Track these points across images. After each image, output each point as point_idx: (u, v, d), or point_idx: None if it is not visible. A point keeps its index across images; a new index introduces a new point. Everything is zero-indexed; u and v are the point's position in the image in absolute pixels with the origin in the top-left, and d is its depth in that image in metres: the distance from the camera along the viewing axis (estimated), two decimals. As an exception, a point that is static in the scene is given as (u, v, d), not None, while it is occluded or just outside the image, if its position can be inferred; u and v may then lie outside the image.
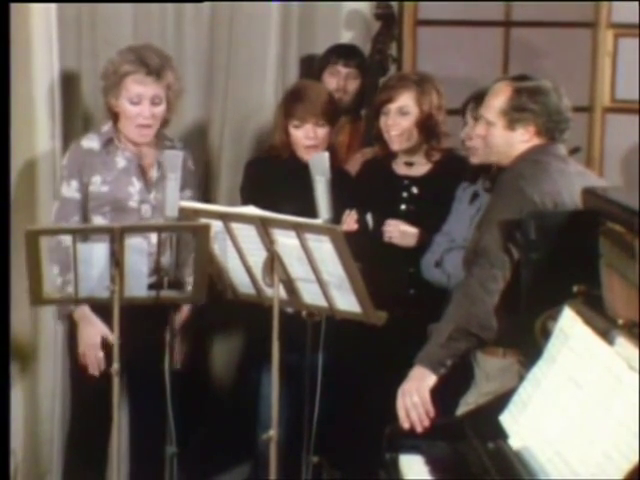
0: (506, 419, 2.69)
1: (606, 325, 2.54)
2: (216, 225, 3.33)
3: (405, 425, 2.99)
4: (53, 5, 4.00)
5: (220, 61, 4.47)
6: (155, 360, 3.59)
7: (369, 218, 3.94)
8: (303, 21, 4.62)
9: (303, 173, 3.53)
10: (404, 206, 3.94)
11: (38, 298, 3.35)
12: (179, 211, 3.45)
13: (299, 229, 3.15)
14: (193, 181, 4.00)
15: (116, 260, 3.26)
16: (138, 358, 3.56)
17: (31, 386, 4.15)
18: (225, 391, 4.52)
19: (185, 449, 3.77)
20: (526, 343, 2.93)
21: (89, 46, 4.27)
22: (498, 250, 3.15)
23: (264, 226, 3.21)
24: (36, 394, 4.15)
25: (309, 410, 3.47)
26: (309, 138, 3.87)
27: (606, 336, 2.48)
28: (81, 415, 3.90)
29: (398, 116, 3.88)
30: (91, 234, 3.59)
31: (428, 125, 3.88)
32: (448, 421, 3.07)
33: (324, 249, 3.14)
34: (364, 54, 4.55)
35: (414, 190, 3.94)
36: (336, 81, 4.38)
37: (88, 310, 3.71)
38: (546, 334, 2.76)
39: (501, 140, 3.34)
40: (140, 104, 3.71)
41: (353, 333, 3.59)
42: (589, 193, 2.94)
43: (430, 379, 3.07)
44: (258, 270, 3.32)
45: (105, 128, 3.84)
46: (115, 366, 3.29)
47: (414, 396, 3.02)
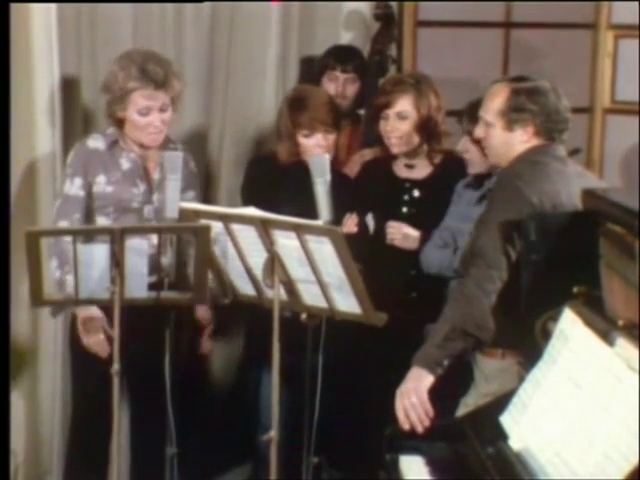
0: (506, 420, 2.69)
1: (606, 326, 2.54)
2: (216, 226, 3.33)
3: (405, 426, 2.99)
4: (53, 5, 4.00)
5: (220, 62, 4.46)
6: (155, 361, 3.60)
7: (370, 220, 3.94)
8: (303, 22, 4.61)
9: (303, 174, 3.53)
10: (405, 209, 3.94)
11: (39, 299, 3.34)
12: (179, 212, 3.46)
13: (299, 230, 3.15)
14: (195, 182, 4.00)
15: (116, 261, 3.26)
16: (138, 359, 3.56)
17: (31, 387, 4.15)
18: (225, 392, 4.51)
19: (185, 450, 3.77)
20: (526, 344, 2.93)
21: (89, 46, 4.25)
22: (495, 251, 3.15)
23: (264, 227, 3.21)
24: (36, 395, 4.16)
25: (309, 411, 3.47)
26: (320, 146, 3.87)
27: (606, 337, 2.48)
28: (81, 415, 3.90)
29: (397, 121, 3.87)
30: (91, 235, 3.59)
31: (428, 127, 3.88)
32: (448, 422, 3.08)
33: (324, 250, 3.14)
34: (362, 55, 4.54)
35: (415, 193, 3.94)
36: (335, 87, 4.36)
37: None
38: (546, 335, 2.76)
39: (500, 141, 3.34)
40: (149, 115, 3.72)
41: (354, 335, 3.59)
42: (589, 194, 2.94)
43: (427, 379, 3.07)
44: (258, 271, 3.31)
45: (110, 130, 3.84)
46: (115, 367, 3.28)
47: (412, 397, 3.02)
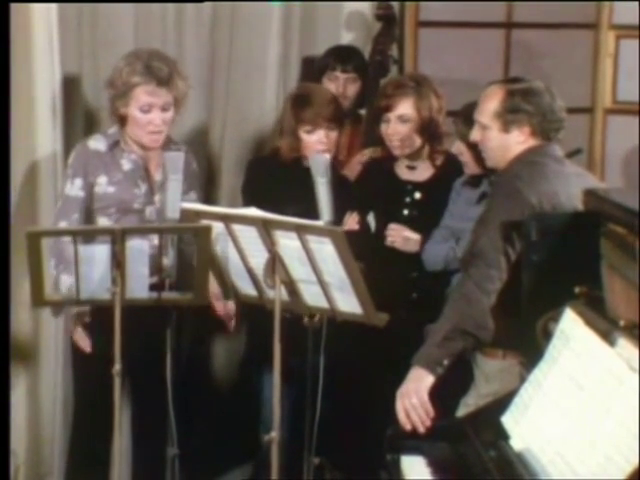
0: (507, 420, 2.69)
1: (607, 326, 2.54)
2: (217, 227, 3.33)
3: (406, 427, 2.99)
4: (54, 5, 4.00)
5: (221, 62, 4.46)
6: (157, 361, 3.60)
7: (371, 219, 3.94)
8: (304, 22, 4.61)
9: (304, 175, 3.53)
10: (407, 211, 3.93)
11: (39, 299, 3.34)
12: (181, 213, 3.45)
13: (300, 230, 3.15)
14: (197, 183, 4.01)
15: (117, 261, 3.26)
16: (140, 359, 3.56)
17: (32, 387, 4.14)
18: (226, 392, 4.51)
19: (186, 450, 3.77)
20: (527, 344, 2.93)
21: (90, 47, 4.26)
22: (494, 251, 3.15)
23: (265, 227, 3.21)
24: (37, 395, 4.15)
25: (310, 411, 3.47)
26: (322, 143, 3.86)
27: (607, 337, 2.48)
28: (82, 416, 3.90)
29: (398, 124, 3.87)
30: (92, 235, 3.59)
31: (429, 129, 3.88)
32: (449, 422, 3.08)
33: (325, 250, 3.14)
34: (362, 54, 4.53)
35: (417, 195, 3.94)
36: (335, 87, 4.35)
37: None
38: (547, 335, 2.76)
39: (497, 143, 3.34)
40: (150, 112, 3.71)
41: (355, 336, 3.59)
42: (590, 194, 2.94)
43: (428, 379, 3.07)
44: (259, 271, 3.32)
45: (112, 130, 3.84)
46: (116, 367, 3.28)
47: (412, 398, 3.02)
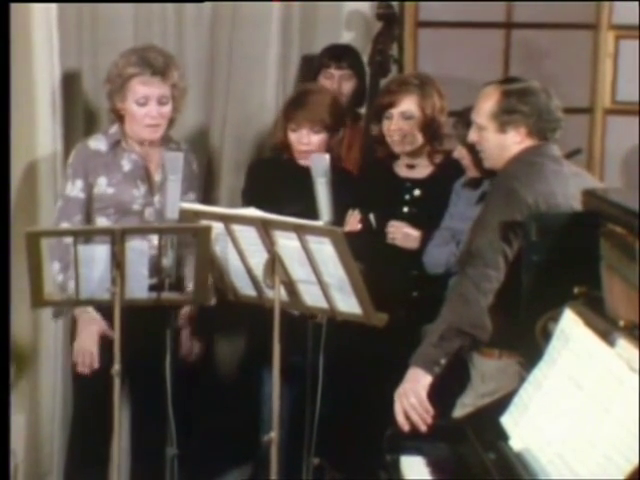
0: (507, 421, 2.69)
1: (607, 327, 2.54)
2: (217, 227, 3.33)
3: (405, 428, 2.99)
4: (53, 5, 4.00)
5: (221, 62, 4.46)
6: (156, 361, 3.60)
7: (372, 218, 3.94)
8: (304, 21, 4.61)
9: (304, 175, 3.53)
10: (406, 208, 3.93)
11: (39, 300, 3.34)
12: (180, 213, 3.45)
13: (300, 231, 3.15)
14: (197, 184, 4.01)
15: (117, 262, 3.26)
16: (139, 359, 3.56)
17: (32, 387, 4.15)
18: (226, 392, 4.51)
19: (186, 450, 3.77)
20: (527, 345, 2.93)
21: (90, 47, 4.26)
22: (492, 251, 3.16)
23: (265, 228, 3.21)
24: (37, 395, 4.15)
25: (310, 411, 3.47)
26: (302, 143, 3.89)
27: (607, 338, 2.48)
28: (82, 416, 3.89)
29: (401, 120, 3.88)
30: (92, 236, 3.59)
31: (431, 128, 3.89)
32: (449, 422, 3.08)
33: (325, 251, 3.14)
34: (358, 53, 4.53)
35: (416, 193, 3.94)
36: (330, 84, 4.36)
37: (90, 307, 3.69)
38: (547, 335, 2.76)
39: (494, 144, 3.35)
40: (147, 105, 3.71)
41: (355, 335, 3.58)
42: (590, 195, 2.94)
43: (425, 379, 3.08)
44: (259, 272, 3.32)
45: (112, 130, 3.84)
46: (116, 367, 3.28)
47: (411, 398, 3.02)
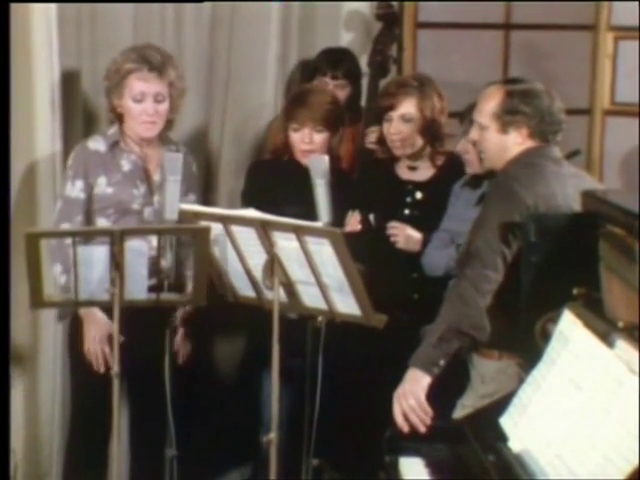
0: (506, 422, 2.69)
1: (606, 328, 2.54)
2: (216, 228, 3.33)
3: (404, 429, 2.99)
4: (53, 5, 4.00)
5: (220, 62, 4.46)
6: (155, 362, 3.60)
7: (372, 219, 3.93)
8: (303, 22, 4.61)
9: (303, 176, 3.53)
10: (408, 211, 3.93)
11: (39, 301, 3.34)
12: (179, 214, 3.45)
13: (299, 232, 3.15)
14: (196, 185, 4.01)
15: (116, 263, 3.26)
16: (138, 360, 3.56)
17: (31, 387, 4.14)
18: (225, 393, 4.51)
19: (185, 451, 3.77)
20: (526, 346, 2.93)
21: (89, 46, 4.27)
22: (491, 251, 3.15)
23: (264, 229, 3.21)
24: (36, 395, 4.15)
25: (309, 412, 3.47)
26: (305, 142, 3.87)
27: (606, 339, 2.48)
28: (81, 417, 3.90)
29: (400, 123, 3.88)
30: (91, 236, 3.59)
31: (431, 129, 3.88)
32: (448, 424, 3.08)
33: (324, 252, 3.14)
34: (354, 57, 4.51)
35: (418, 195, 3.94)
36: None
37: (96, 308, 3.69)
38: (546, 337, 2.76)
39: (495, 144, 3.34)
40: (143, 101, 3.72)
41: (355, 336, 3.58)
42: (589, 196, 2.94)
43: (424, 380, 3.07)
44: (258, 273, 3.32)
45: (111, 131, 3.85)
46: (115, 368, 3.28)
47: (410, 399, 3.02)
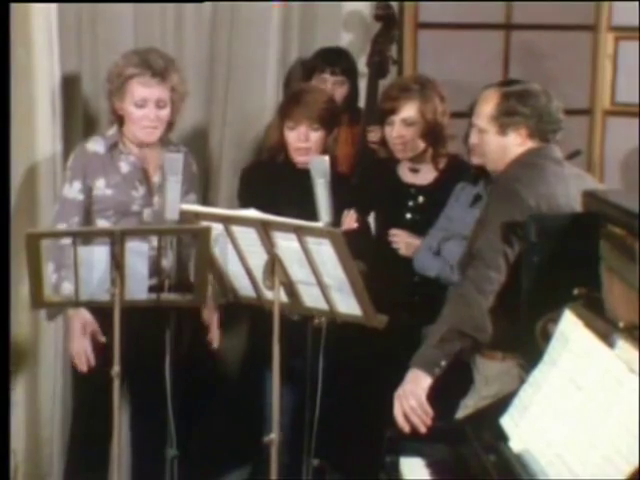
0: (507, 422, 2.69)
1: (607, 328, 2.54)
2: (217, 228, 3.33)
3: (405, 429, 2.99)
4: (53, 6, 4.00)
5: (220, 62, 4.46)
6: (156, 362, 3.60)
7: (371, 220, 3.93)
8: (303, 22, 4.61)
9: (300, 176, 3.54)
10: (409, 215, 3.93)
11: (39, 301, 3.34)
12: (180, 214, 3.45)
13: (299, 232, 3.15)
14: (197, 185, 4.01)
15: (117, 263, 3.25)
16: (139, 360, 3.56)
17: (31, 387, 4.14)
18: (226, 393, 4.51)
19: (186, 451, 3.77)
20: (526, 346, 2.93)
21: (89, 47, 4.26)
22: (493, 252, 3.15)
23: (265, 229, 3.21)
24: (36, 396, 4.15)
25: (310, 413, 3.47)
26: (300, 141, 3.86)
27: (607, 339, 2.48)
28: (82, 417, 3.90)
29: (402, 127, 3.87)
30: (92, 237, 3.59)
31: (433, 132, 3.88)
32: (449, 424, 3.08)
33: (324, 252, 3.14)
34: (352, 57, 4.53)
35: (420, 199, 3.93)
36: (323, 88, 4.36)
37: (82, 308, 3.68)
38: (547, 337, 2.76)
39: (495, 146, 3.34)
40: (145, 107, 3.71)
41: (356, 337, 3.58)
42: (590, 196, 2.94)
43: (425, 381, 3.07)
44: (259, 273, 3.31)
45: (110, 132, 3.84)
46: (116, 368, 3.28)
47: (410, 400, 3.02)
